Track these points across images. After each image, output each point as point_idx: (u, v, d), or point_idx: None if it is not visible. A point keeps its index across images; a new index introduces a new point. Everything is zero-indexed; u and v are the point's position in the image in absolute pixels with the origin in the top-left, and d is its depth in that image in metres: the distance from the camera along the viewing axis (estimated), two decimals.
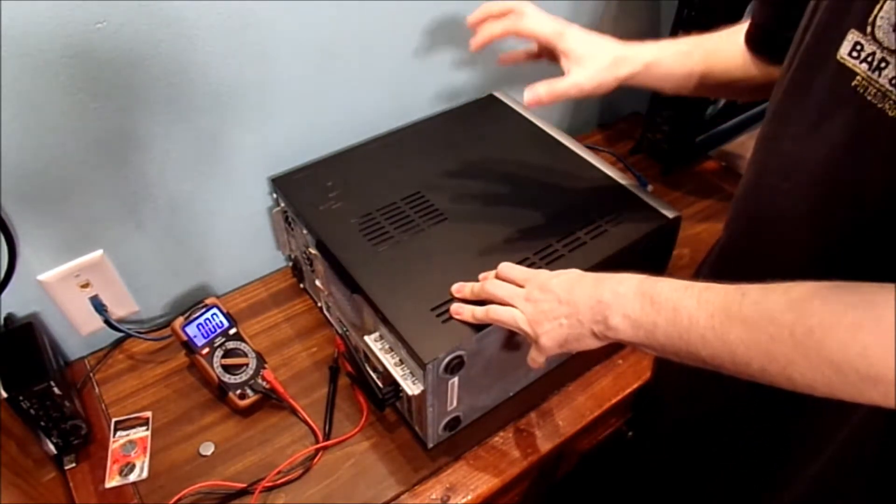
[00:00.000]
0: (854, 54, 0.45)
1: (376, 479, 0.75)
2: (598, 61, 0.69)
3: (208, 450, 0.77)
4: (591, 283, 0.58)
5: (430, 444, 0.76)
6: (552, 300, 0.59)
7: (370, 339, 0.73)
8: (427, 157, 0.90)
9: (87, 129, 0.71)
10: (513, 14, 0.73)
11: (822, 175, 0.50)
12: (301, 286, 0.96)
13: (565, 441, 0.79)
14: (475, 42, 0.74)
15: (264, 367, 0.82)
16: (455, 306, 0.68)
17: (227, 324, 0.83)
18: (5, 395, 0.69)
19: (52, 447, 0.75)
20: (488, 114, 0.98)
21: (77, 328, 0.85)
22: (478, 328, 0.67)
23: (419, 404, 0.71)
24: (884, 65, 0.43)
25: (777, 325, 0.44)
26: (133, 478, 0.75)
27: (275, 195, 0.88)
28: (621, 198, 0.82)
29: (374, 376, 0.75)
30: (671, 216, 0.80)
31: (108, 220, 0.79)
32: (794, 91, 0.53)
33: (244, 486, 0.73)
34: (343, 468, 0.76)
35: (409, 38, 0.90)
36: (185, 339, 0.80)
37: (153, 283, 0.89)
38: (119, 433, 0.79)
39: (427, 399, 0.69)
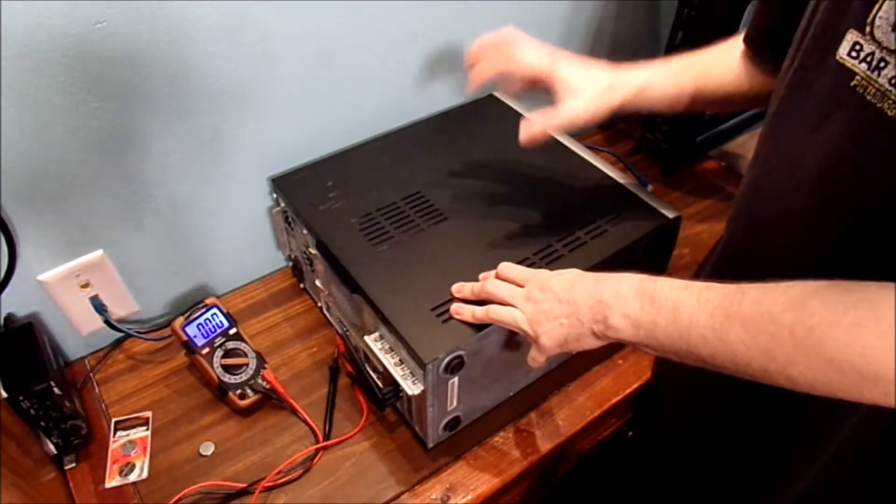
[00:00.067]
0: (853, 54, 0.45)
1: (376, 479, 0.75)
2: (590, 91, 0.69)
3: (208, 450, 0.77)
4: (591, 283, 0.59)
5: (430, 444, 0.76)
6: (552, 300, 0.60)
7: (370, 339, 0.73)
8: (427, 157, 0.90)
9: (87, 128, 0.71)
10: (505, 48, 0.73)
11: (822, 175, 0.50)
12: (301, 286, 0.96)
13: (565, 441, 0.79)
14: (471, 85, 0.75)
15: (264, 367, 0.82)
16: (455, 306, 0.68)
17: (227, 324, 0.83)
18: (5, 395, 0.69)
19: (52, 447, 0.75)
20: (488, 114, 0.98)
21: (77, 328, 0.85)
22: (478, 328, 0.67)
23: (419, 404, 0.71)
24: (883, 64, 0.43)
25: (777, 324, 0.44)
26: (133, 478, 0.75)
27: (275, 195, 0.88)
28: (621, 198, 0.82)
29: (374, 376, 0.75)
30: (671, 216, 0.80)
31: (108, 219, 0.79)
32: (794, 91, 0.54)
33: (244, 486, 0.73)
34: (343, 468, 0.76)
35: (409, 37, 0.90)
36: (185, 339, 0.80)
37: (153, 283, 0.89)
38: (119, 433, 0.79)
39: (427, 399, 0.69)
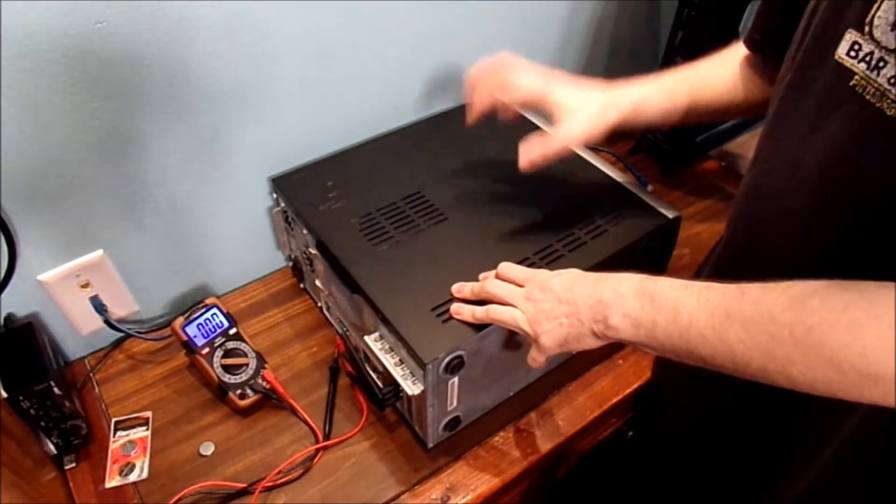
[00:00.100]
0: (852, 54, 0.46)
1: (376, 479, 0.75)
2: (586, 112, 0.70)
3: (208, 450, 0.77)
4: (591, 283, 0.59)
5: (430, 444, 0.76)
6: (552, 300, 0.60)
7: (370, 339, 0.73)
8: (427, 157, 0.90)
9: (87, 129, 0.71)
10: (500, 74, 0.74)
11: (822, 174, 0.50)
12: (301, 286, 0.96)
13: (565, 441, 0.79)
14: (470, 119, 0.76)
15: (264, 367, 0.82)
16: (455, 306, 0.68)
17: (227, 324, 0.83)
18: (5, 395, 0.69)
19: (52, 447, 0.75)
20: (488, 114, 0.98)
21: (77, 328, 0.85)
22: (478, 328, 0.67)
23: (419, 404, 0.71)
24: (882, 64, 0.43)
25: (777, 324, 0.44)
26: (133, 478, 0.75)
27: (275, 195, 0.88)
28: (621, 198, 0.82)
29: (374, 376, 0.75)
30: (671, 216, 0.80)
31: (108, 219, 0.79)
32: (794, 91, 0.54)
33: (244, 486, 0.73)
34: (343, 468, 0.76)
35: (409, 37, 0.90)
36: (185, 339, 0.80)
37: (153, 283, 0.89)
38: (119, 433, 0.79)
39: (427, 399, 0.69)
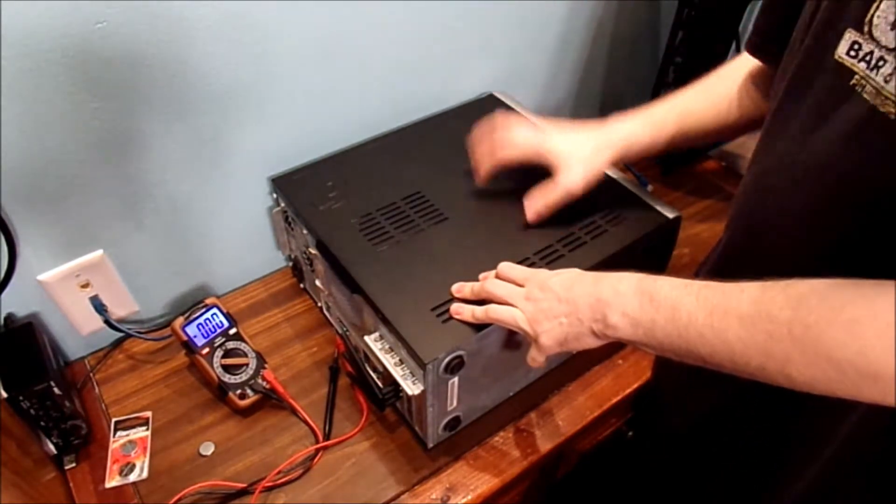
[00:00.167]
0: (852, 53, 0.46)
1: (376, 479, 0.75)
2: (580, 157, 0.74)
3: (208, 450, 0.77)
4: (591, 282, 0.59)
5: (430, 444, 0.76)
6: (552, 299, 0.60)
7: (370, 339, 0.73)
8: (427, 157, 0.90)
9: (87, 128, 0.71)
10: (497, 135, 0.79)
11: (821, 173, 0.50)
12: (301, 286, 0.96)
13: (565, 441, 0.79)
14: (479, 181, 0.82)
15: (264, 367, 0.82)
16: (455, 306, 0.68)
17: (227, 324, 0.83)
18: (5, 395, 0.69)
19: (52, 447, 0.75)
20: (488, 114, 0.98)
21: (77, 328, 0.85)
22: (478, 328, 0.67)
23: (419, 404, 0.71)
24: (881, 63, 0.43)
25: (775, 322, 0.44)
26: (133, 478, 0.75)
27: (275, 195, 0.88)
28: (621, 198, 0.82)
29: (374, 376, 0.75)
30: (671, 216, 0.80)
31: (108, 219, 0.79)
32: (794, 91, 0.54)
33: (244, 486, 0.73)
34: (343, 468, 0.76)
35: (409, 37, 0.90)
36: (185, 339, 0.80)
37: (153, 283, 0.89)
38: (119, 433, 0.79)
39: (427, 399, 0.69)
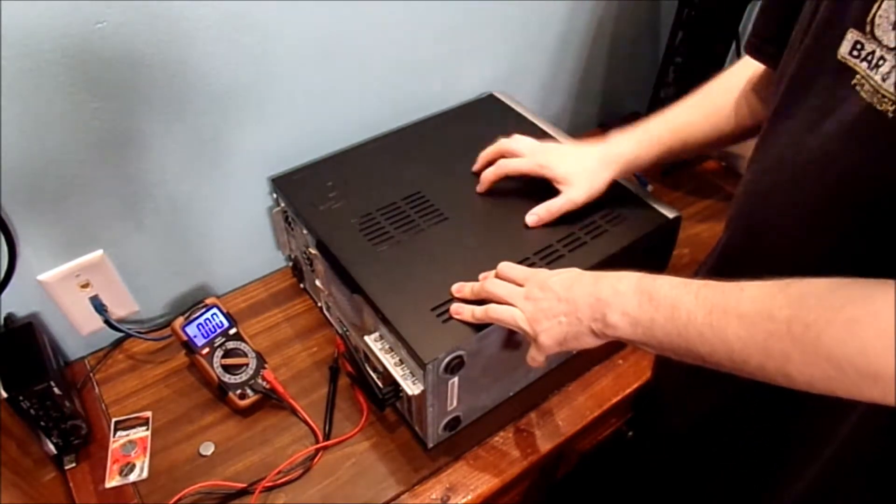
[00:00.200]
0: (855, 53, 0.46)
1: (376, 479, 0.75)
2: (584, 174, 0.77)
3: (208, 450, 0.77)
4: (591, 281, 0.59)
5: (430, 444, 0.76)
6: (551, 298, 0.60)
7: (370, 339, 0.73)
8: (427, 157, 0.90)
9: (87, 129, 0.71)
10: (502, 154, 0.82)
11: (820, 172, 0.50)
12: (301, 286, 0.96)
13: (565, 441, 0.79)
14: (480, 190, 0.84)
15: (264, 367, 0.82)
16: (455, 306, 0.68)
17: (227, 324, 0.83)
18: (5, 395, 0.69)
19: (52, 447, 0.75)
20: (488, 114, 0.98)
21: (77, 328, 0.85)
22: (478, 328, 0.67)
23: (419, 404, 0.71)
24: (881, 62, 0.43)
25: (775, 321, 0.44)
26: (133, 478, 0.75)
27: (275, 195, 0.88)
28: (621, 198, 0.82)
29: (374, 376, 0.75)
30: (671, 216, 0.80)
31: (108, 219, 0.79)
32: (795, 90, 0.54)
33: (244, 486, 0.73)
34: (343, 468, 0.76)
35: (409, 37, 0.90)
36: (185, 339, 0.80)
37: (153, 283, 0.89)
38: (119, 433, 0.79)
39: (427, 399, 0.69)
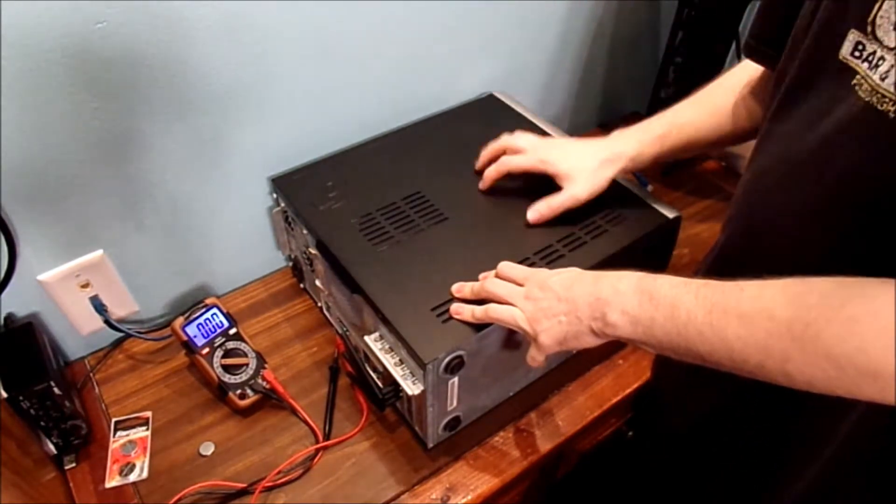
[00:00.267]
0: (856, 54, 0.46)
1: (376, 479, 0.75)
2: (586, 171, 0.76)
3: (208, 450, 0.77)
4: (591, 281, 0.59)
5: (430, 444, 0.76)
6: (551, 298, 0.60)
7: (370, 339, 0.73)
8: (427, 157, 0.90)
9: (87, 129, 0.71)
10: (504, 151, 0.82)
11: (820, 172, 0.50)
12: (301, 286, 0.96)
13: (565, 441, 0.79)
14: (482, 186, 0.84)
15: (264, 367, 0.82)
16: (455, 306, 0.68)
17: (227, 324, 0.83)
18: (5, 395, 0.69)
19: (52, 447, 0.75)
20: (488, 114, 0.98)
21: (77, 328, 0.85)
22: (478, 328, 0.67)
23: (419, 404, 0.71)
24: (881, 62, 0.43)
25: (775, 320, 0.44)
26: (133, 478, 0.75)
27: (275, 195, 0.88)
28: (621, 198, 0.82)
29: (374, 376, 0.75)
30: (671, 216, 0.80)
31: (109, 220, 0.79)
32: (795, 90, 0.54)
33: (244, 486, 0.73)
34: (343, 468, 0.76)
35: (409, 38, 0.90)
36: (185, 339, 0.80)
37: (153, 283, 0.89)
38: (119, 433, 0.79)
39: (427, 399, 0.69)
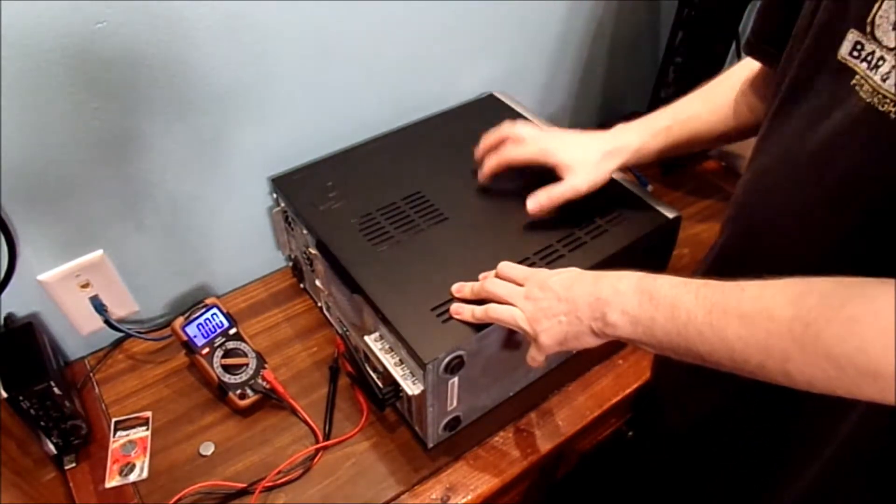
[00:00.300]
0: (855, 54, 0.46)
1: (376, 479, 0.75)
2: (588, 163, 0.75)
3: (208, 450, 0.77)
4: (591, 281, 0.59)
5: (430, 444, 0.76)
6: (551, 298, 0.60)
7: (370, 339, 0.73)
8: (427, 157, 0.90)
9: (87, 128, 0.71)
10: (505, 141, 0.80)
11: (820, 173, 0.50)
12: (301, 286, 0.96)
13: (565, 441, 0.79)
14: (481, 179, 0.82)
15: (264, 367, 0.82)
16: (455, 306, 0.68)
17: (227, 324, 0.83)
18: (5, 395, 0.69)
19: (52, 447, 0.75)
20: (488, 114, 0.98)
21: (77, 328, 0.85)
22: (478, 328, 0.67)
23: (419, 404, 0.71)
24: (881, 62, 0.43)
25: (775, 320, 0.44)
26: (133, 478, 0.75)
27: (275, 195, 0.88)
28: (621, 198, 0.82)
29: (374, 376, 0.75)
30: (671, 216, 0.80)
31: (109, 219, 0.79)
32: (795, 90, 0.54)
33: (244, 486, 0.73)
34: (343, 468, 0.76)
35: (409, 38, 0.90)
36: (185, 339, 0.80)
37: (153, 283, 0.89)
38: (119, 433, 0.79)
39: (427, 399, 0.69)
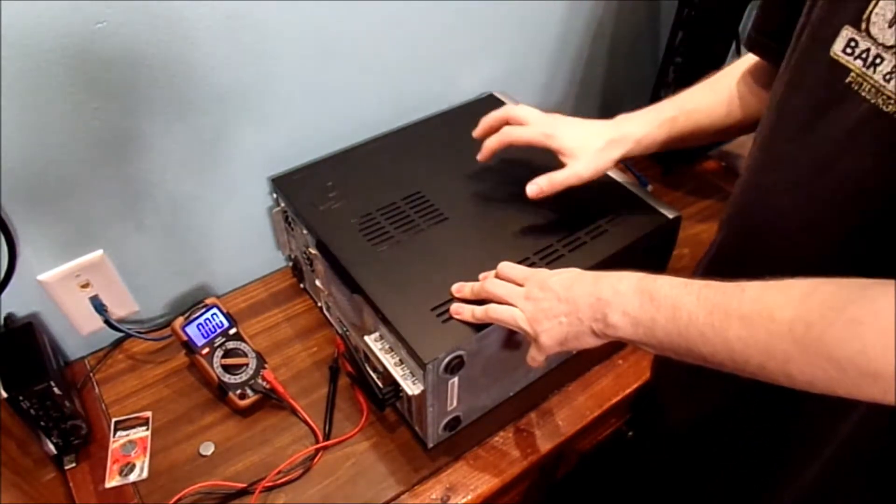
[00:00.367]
0: (848, 51, 0.46)
1: (376, 479, 0.75)
2: (591, 150, 0.73)
3: (208, 450, 0.77)
4: (591, 281, 0.58)
5: (430, 444, 0.76)
6: (552, 298, 0.59)
7: (370, 339, 0.73)
8: (427, 157, 0.90)
9: (87, 128, 0.71)
10: (507, 122, 0.77)
11: (820, 173, 0.50)
12: (301, 286, 0.96)
13: (565, 441, 0.79)
14: (481, 157, 0.79)
15: (264, 367, 0.82)
16: (455, 306, 0.68)
17: (227, 324, 0.83)
18: (5, 395, 0.69)
19: (52, 447, 0.75)
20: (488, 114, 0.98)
21: (77, 328, 0.85)
22: (478, 328, 0.67)
23: (419, 404, 0.71)
24: (879, 61, 0.43)
25: (776, 321, 0.44)
26: (133, 478, 0.75)
27: (275, 195, 0.88)
28: (621, 198, 0.82)
29: (374, 376, 0.75)
30: (671, 216, 0.80)
31: (109, 219, 0.79)
32: (791, 89, 0.54)
33: (244, 486, 0.73)
34: (343, 468, 0.76)
35: (409, 38, 0.91)
36: (185, 339, 0.80)
37: (153, 283, 0.89)
38: (119, 433, 0.79)
39: (427, 399, 0.69)
